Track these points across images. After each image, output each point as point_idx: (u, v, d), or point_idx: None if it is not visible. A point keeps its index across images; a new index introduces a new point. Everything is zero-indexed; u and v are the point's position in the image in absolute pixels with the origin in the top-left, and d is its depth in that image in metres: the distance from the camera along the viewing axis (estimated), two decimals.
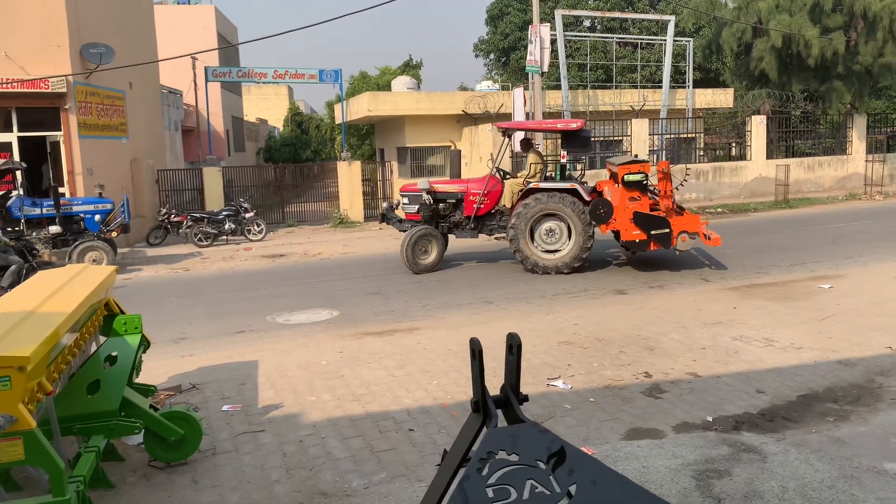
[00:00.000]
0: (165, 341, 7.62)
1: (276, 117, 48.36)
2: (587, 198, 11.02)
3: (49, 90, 14.56)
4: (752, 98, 23.14)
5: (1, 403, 3.27)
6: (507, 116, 20.28)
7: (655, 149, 21.83)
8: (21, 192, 12.78)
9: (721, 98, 25.20)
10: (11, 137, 15.17)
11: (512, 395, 1.79)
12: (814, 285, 9.43)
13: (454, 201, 11.87)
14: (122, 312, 5.16)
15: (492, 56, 40.07)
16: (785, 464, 4.36)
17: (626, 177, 10.79)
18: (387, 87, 30.68)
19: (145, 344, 5.11)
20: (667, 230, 10.72)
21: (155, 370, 6.32)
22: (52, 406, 3.90)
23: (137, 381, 5.13)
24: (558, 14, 21.71)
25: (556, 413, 5.34)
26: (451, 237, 12.15)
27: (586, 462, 1.48)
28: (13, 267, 9.77)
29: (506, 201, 11.59)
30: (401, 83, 26.55)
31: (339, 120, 27.26)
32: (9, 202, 12.65)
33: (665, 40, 23.76)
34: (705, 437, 4.84)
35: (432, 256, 11.51)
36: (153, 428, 4.50)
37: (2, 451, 3.36)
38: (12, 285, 9.10)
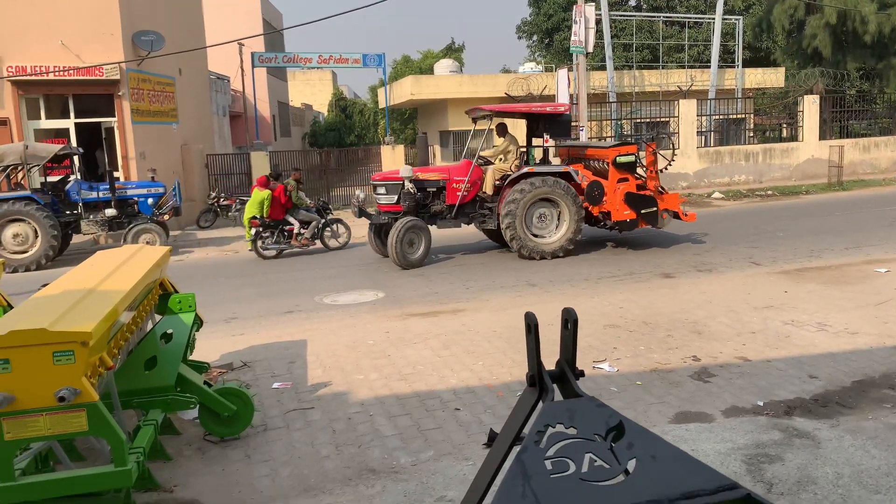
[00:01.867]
0: (217, 321, 7.81)
1: (321, 102, 48.74)
2: (578, 181, 11.04)
3: (103, 77, 14.96)
4: (804, 77, 22.44)
5: (65, 377, 3.39)
6: (551, 98, 20.06)
7: (704, 130, 21.37)
8: (78, 177, 13.21)
9: (772, 78, 24.49)
10: (68, 123, 15.66)
11: (568, 369, 1.78)
12: (869, 269, 9.14)
13: (435, 189, 11.14)
14: (177, 292, 5.31)
15: (535, 37, 39.53)
16: (839, 450, 4.27)
17: (617, 158, 10.95)
18: (429, 70, 30.63)
19: (198, 322, 5.24)
20: (655, 209, 11.03)
21: (207, 348, 6.48)
22: (113, 380, 4.05)
23: (191, 358, 5.28)
24: None
25: (602, 395, 5.31)
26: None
27: (646, 437, 1.48)
28: (313, 223, 12.43)
29: (487, 188, 11.16)
30: (443, 66, 26.49)
31: (382, 104, 27.37)
32: (67, 186, 13.11)
33: (713, 19, 23.13)
34: (756, 421, 4.76)
35: (420, 249, 10.70)
36: (207, 403, 4.63)
37: (67, 422, 3.48)
38: (313, 237, 12.47)
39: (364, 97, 49.63)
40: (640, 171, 11.36)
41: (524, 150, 11.88)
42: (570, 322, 1.67)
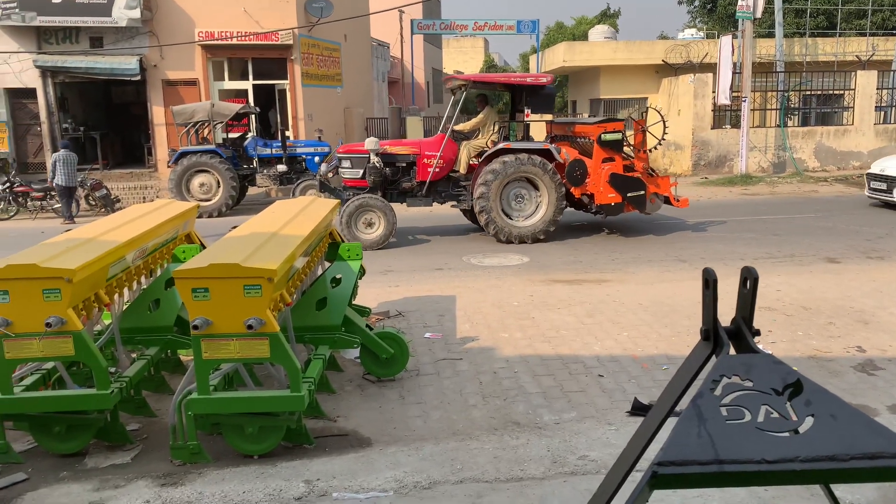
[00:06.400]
0: (375, 272, 8.31)
1: (472, 69, 49.01)
2: (559, 159, 10.21)
3: (278, 42, 16.06)
4: None
5: (253, 308, 3.81)
6: (712, 66, 19.02)
7: (884, 105, 19.44)
8: (255, 134, 14.43)
9: None
10: (247, 85, 17.05)
11: (744, 326, 1.81)
12: None
13: (404, 165, 10.48)
14: (343, 241, 5.74)
15: (696, 3, 37.32)
16: None
17: (602, 136, 10.05)
18: (583, 37, 29.93)
19: (362, 271, 5.65)
20: (642, 192, 10.17)
21: (367, 296, 6.93)
22: (289, 316, 4.49)
23: (355, 302, 5.71)
24: None
25: None
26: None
27: (825, 395, 1.49)
28: None
29: (460, 166, 10.47)
30: (598, 32, 25.80)
31: (533, 72, 27.10)
32: (245, 142, 14.37)
33: None
34: None
35: (379, 230, 10.00)
36: (368, 345, 5.02)
37: (252, 347, 3.92)
38: None
39: (514, 65, 49.37)
40: (627, 150, 10.49)
41: (505, 125, 11.19)
42: (749, 280, 1.71)
